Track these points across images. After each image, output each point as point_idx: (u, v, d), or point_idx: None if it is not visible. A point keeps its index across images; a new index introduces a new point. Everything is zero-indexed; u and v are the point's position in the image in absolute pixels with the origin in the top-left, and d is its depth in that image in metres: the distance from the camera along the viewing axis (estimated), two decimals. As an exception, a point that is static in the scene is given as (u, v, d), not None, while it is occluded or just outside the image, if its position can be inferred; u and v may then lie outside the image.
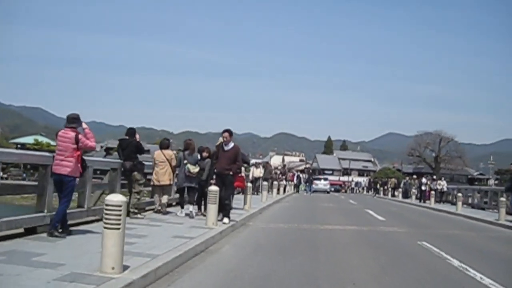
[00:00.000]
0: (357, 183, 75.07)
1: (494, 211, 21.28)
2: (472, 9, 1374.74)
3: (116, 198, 5.13)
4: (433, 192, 25.52)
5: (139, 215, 10.71)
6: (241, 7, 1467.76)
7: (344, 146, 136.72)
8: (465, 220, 17.75)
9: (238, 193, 16.44)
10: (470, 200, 24.75)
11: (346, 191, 69.45)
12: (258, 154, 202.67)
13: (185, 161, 11.82)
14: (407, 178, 38.29)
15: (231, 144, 10.73)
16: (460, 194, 21.83)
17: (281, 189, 28.09)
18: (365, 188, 63.73)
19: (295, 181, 38.13)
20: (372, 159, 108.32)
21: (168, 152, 12.13)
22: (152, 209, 12.24)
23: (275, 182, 25.46)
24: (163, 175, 11.82)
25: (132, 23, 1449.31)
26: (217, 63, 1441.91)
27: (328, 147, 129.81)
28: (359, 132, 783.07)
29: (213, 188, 10.10)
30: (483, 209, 22.99)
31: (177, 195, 12.85)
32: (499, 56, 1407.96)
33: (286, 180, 30.74)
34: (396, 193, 41.31)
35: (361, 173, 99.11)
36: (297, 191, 36.45)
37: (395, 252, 8.88)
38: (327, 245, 9.26)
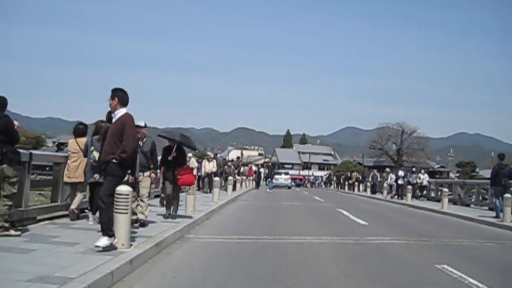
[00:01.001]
0: (316, 178, 72.67)
1: (482, 208, 18.59)
2: (433, 5, 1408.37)
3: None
4: (409, 187, 22.42)
5: (12, 231, 6.88)
6: (197, 0, 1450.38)
7: (303, 139, 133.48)
8: (461, 221, 14.56)
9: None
10: (452, 196, 21.83)
11: (307, 186, 67.32)
12: (216, 148, 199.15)
13: (92, 148, 8.19)
14: (374, 170, 35.05)
15: (121, 112, 6.61)
16: (446, 190, 18.74)
17: (238, 185, 24.55)
18: (326, 182, 61.16)
19: (254, 177, 34.04)
20: (332, 153, 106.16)
21: (83, 141, 9.07)
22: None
23: (230, 178, 21.77)
24: (74, 170, 9.10)
25: (80, 15, 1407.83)
26: (175, 57, 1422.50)
27: (287, 141, 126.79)
28: (318, 126, 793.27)
29: (123, 188, 6.29)
30: (468, 205, 20.15)
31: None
32: (457, 52, 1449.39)
33: (239, 175, 26.83)
34: (360, 187, 38.81)
35: (321, 167, 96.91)
36: (257, 187, 32.97)
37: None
38: (304, 279, 5.66)
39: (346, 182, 44.13)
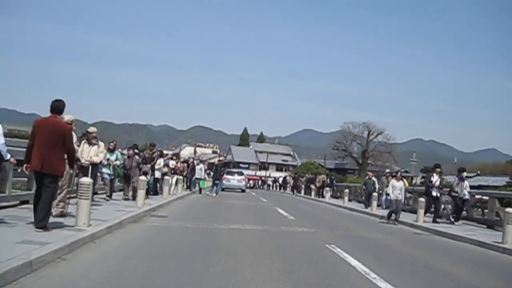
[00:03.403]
0: (275, 179, 65.76)
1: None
2: (400, 12, 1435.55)
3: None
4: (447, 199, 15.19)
5: None
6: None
7: (261, 138, 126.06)
8: None
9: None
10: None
11: (256, 188, 63.08)
12: (171, 145, 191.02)
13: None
14: (370, 173, 25.76)
15: None
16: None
17: (166, 188, 17.08)
18: (280, 186, 54.55)
19: (186, 174, 25.42)
20: (292, 153, 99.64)
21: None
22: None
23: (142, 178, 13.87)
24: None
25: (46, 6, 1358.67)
26: (134, 53, 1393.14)
27: (244, 139, 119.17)
28: (275, 128, 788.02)
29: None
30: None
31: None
32: (416, 58, 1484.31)
33: (152, 172, 16.55)
34: (324, 193, 31.96)
35: (279, 167, 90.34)
36: (189, 189, 25.32)
37: None
38: None
39: (311, 186, 37.42)
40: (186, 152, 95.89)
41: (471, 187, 17.49)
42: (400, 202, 14.87)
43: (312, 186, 36.02)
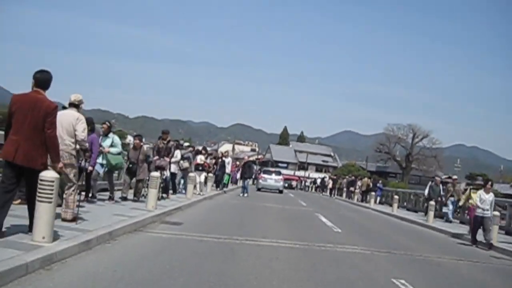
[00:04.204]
0: (314, 180, 62.63)
1: None
2: (436, 13, 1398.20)
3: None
4: None
5: None
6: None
7: (301, 138, 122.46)
8: None
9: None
10: None
11: (295, 189, 60.37)
12: (210, 142, 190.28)
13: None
14: (436, 178, 20.53)
15: None
16: None
17: (190, 186, 14.75)
18: (319, 187, 51.35)
19: (214, 170, 21.82)
20: (332, 154, 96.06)
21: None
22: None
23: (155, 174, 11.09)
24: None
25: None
26: (176, 50, 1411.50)
27: (283, 138, 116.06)
28: (315, 129, 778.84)
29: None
30: None
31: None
32: (459, 64, 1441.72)
33: (169, 167, 13.78)
34: (368, 198, 29.26)
35: (319, 168, 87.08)
36: (220, 188, 22.54)
37: None
38: None
39: (351, 188, 34.54)
40: (224, 149, 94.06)
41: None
42: (489, 220, 11.86)
43: (354, 189, 33.27)
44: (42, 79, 5.68)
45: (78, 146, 6.89)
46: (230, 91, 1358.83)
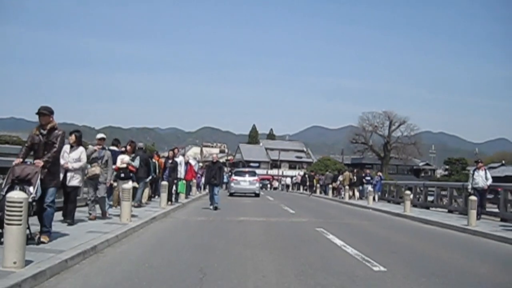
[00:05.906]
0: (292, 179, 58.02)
1: None
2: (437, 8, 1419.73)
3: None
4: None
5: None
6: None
7: (271, 136, 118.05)
8: None
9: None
10: None
11: (270, 188, 57.94)
12: (179, 147, 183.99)
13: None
14: (480, 164, 14.74)
15: None
16: None
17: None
18: (295, 184, 48.33)
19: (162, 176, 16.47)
20: (305, 149, 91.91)
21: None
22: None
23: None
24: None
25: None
26: (139, 56, 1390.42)
27: (253, 137, 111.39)
28: (283, 126, 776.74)
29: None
30: None
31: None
32: (430, 52, 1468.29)
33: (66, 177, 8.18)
34: (354, 194, 26.42)
35: (293, 165, 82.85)
36: (173, 201, 16.44)
37: None
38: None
39: (334, 185, 30.33)
40: (192, 152, 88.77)
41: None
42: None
43: (338, 185, 29.25)
44: None
45: None
46: (195, 95, 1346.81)
